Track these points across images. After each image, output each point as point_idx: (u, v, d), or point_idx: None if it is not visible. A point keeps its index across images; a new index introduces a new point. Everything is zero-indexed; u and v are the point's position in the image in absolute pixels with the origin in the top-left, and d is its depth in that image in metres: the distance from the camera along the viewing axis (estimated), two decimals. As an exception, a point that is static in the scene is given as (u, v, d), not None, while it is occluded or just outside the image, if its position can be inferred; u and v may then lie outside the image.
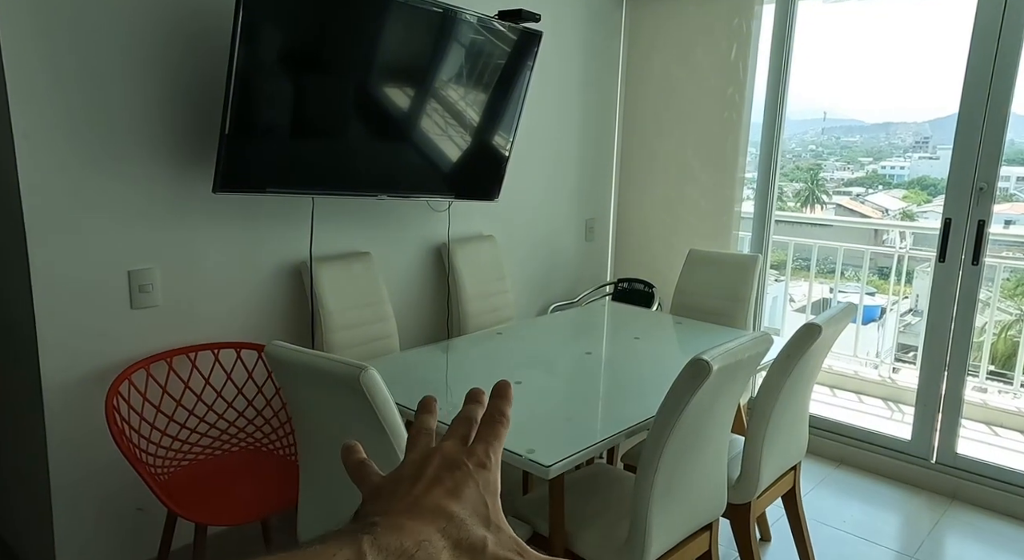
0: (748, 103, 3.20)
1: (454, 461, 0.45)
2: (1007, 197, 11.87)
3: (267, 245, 2.27)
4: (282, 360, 1.46)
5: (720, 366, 1.43)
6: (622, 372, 2.05)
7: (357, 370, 1.31)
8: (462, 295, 2.85)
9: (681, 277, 2.87)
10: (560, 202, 3.45)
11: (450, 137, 2.54)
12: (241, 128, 1.93)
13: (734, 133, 3.23)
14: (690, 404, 1.45)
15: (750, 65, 3.15)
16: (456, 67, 2.45)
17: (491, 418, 0.50)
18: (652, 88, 3.51)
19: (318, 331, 2.35)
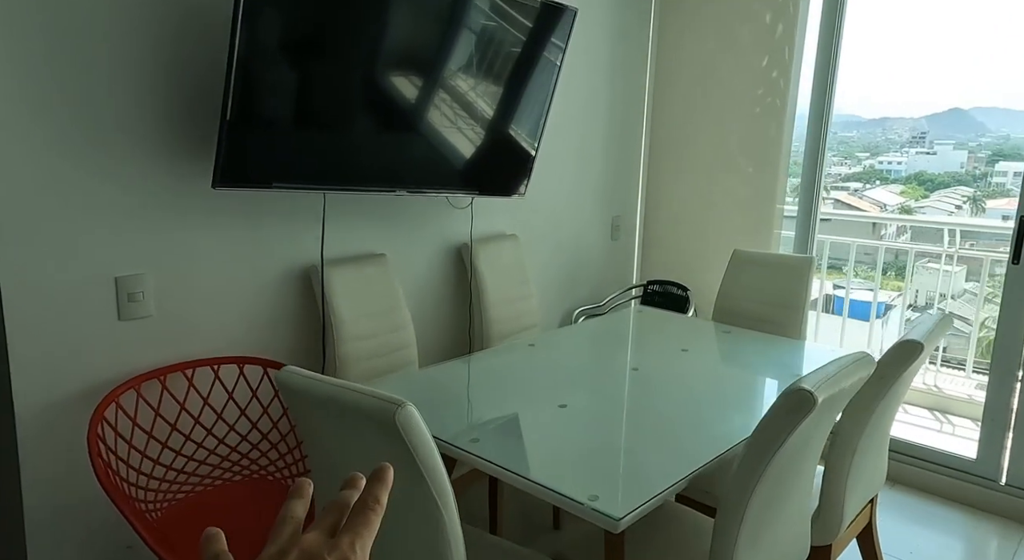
0: (794, 89, 2.95)
1: (312, 557, 0.42)
2: (1004, 192, 11.59)
3: (273, 247, 2.02)
4: (298, 390, 1.21)
5: (825, 397, 1.18)
6: (678, 392, 1.80)
7: (392, 407, 1.06)
8: (485, 300, 2.61)
9: (725, 280, 2.62)
10: (584, 198, 3.20)
11: (472, 127, 2.29)
12: (245, 115, 1.68)
13: (777, 122, 2.98)
14: (787, 442, 1.21)
15: (796, 48, 2.89)
16: (480, 51, 2.19)
17: (363, 505, 0.46)
18: (684, 74, 3.26)
19: (329, 342, 2.10)
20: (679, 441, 1.51)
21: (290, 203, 2.04)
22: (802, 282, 2.43)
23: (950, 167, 11.51)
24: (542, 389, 1.79)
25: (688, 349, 2.17)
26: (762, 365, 2.05)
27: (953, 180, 12.15)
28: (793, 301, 2.43)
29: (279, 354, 2.07)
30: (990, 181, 11.82)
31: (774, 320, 2.46)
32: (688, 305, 3.06)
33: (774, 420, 1.21)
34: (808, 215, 2.98)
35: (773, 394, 1.80)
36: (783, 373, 1.99)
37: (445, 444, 1.46)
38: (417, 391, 1.77)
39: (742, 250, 2.63)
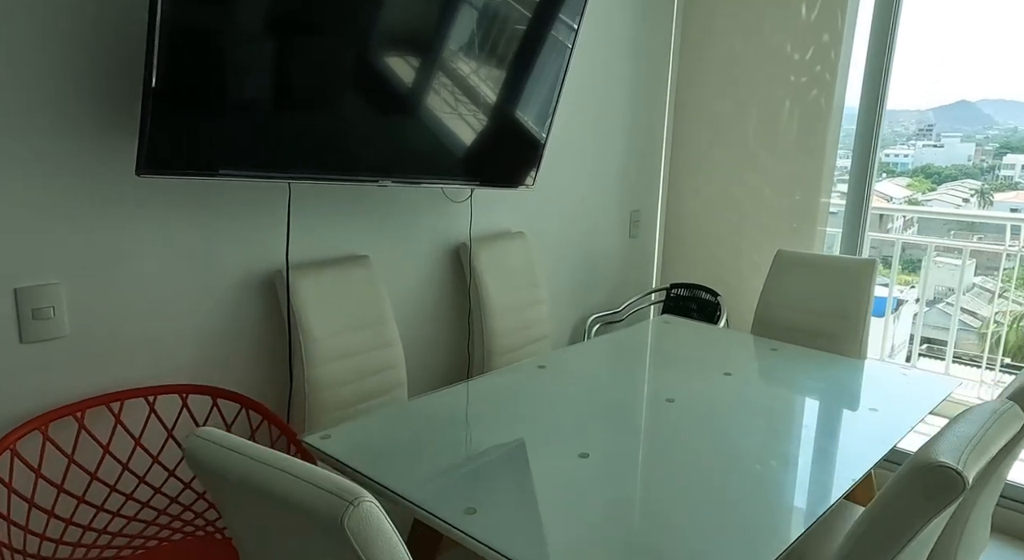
0: (844, 64, 2.56)
1: None
2: (1012, 185, 11.32)
3: (227, 248, 1.65)
4: (211, 468, 0.84)
5: (974, 474, 0.81)
6: (729, 435, 1.43)
7: (341, 506, 0.69)
8: (487, 309, 2.23)
9: (767, 286, 2.24)
10: (600, 190, 2.82)
11: (473, 112, 1.92)
12: (176, 82, 1.30)
13: (822, 102, 2.59)
14: (919, 534, 0.83)
15: (846, 21, 2.50)
16: (482, 27, 1.82)
17: None
18: (713, 54, 2.87)
19: (298, 364, 1.73)
20: (743, 512, 1.13)
21: (248, 194, 1.67)
22: (863, 288, 2.05)
23: (957, 160, 11.24)
24: (557, 430, 1.42)
25: (731, 372, 1.79)
26: (829, 395, 1.67)
27: (960, 173, 11.87)
28: (852, 311, 2.05)
29: (235, 380, 1.70)
30: (998, 174, 11.50)
31: (827, 333, 2.08)
32: (719, 313, 2.68)
33: (903, 505, 0.84)
34: (858, 209, 2.59)
35: (855, 441, 1.43)
36: (858, 405, 1.61)
37: (431, 517, 1.09)
38: (401, 433, 1.41)
39: (788, 251, 2.25)
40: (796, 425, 1.48)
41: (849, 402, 1.62)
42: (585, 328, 2.85)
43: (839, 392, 1.69)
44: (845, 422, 1.50)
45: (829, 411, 1.57)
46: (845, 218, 2.63)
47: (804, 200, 2.70)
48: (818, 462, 1.30)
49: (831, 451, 1.35)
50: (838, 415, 1.54)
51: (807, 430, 1.45)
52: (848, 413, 1.55)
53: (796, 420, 1.51)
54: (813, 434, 1.43)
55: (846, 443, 1.38)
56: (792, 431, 1.45)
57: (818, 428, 1.46)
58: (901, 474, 0.85)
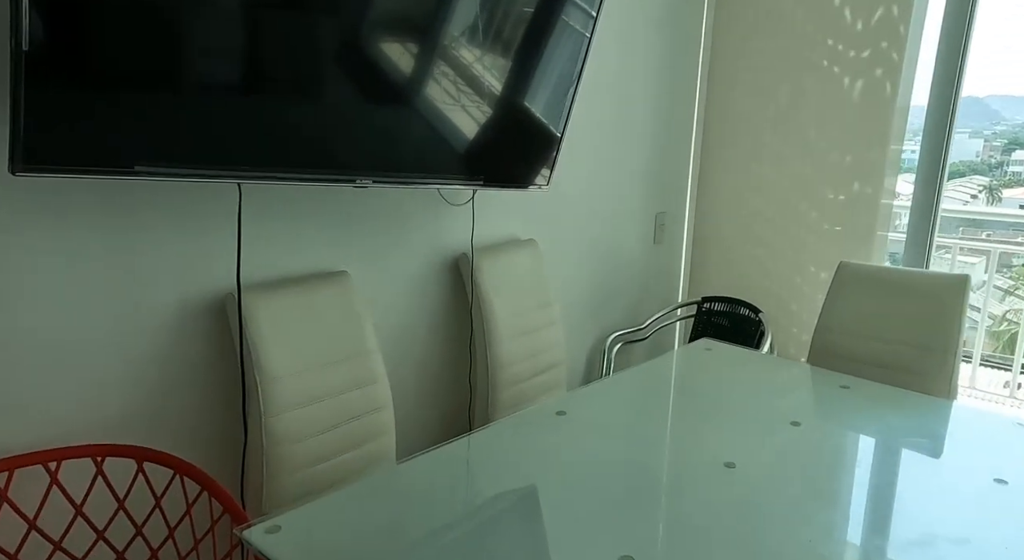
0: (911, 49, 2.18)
1: None
2: (1020, 181, 10.99)
3: (159, 267, 1.30)
4: None
5: None
6: (817, 518, 1.06)
7: None
8: (492, 333, 1.87)
9: (827, 306, 1.87)
10: (622, 190, 2.45)
11: (477, 104, 1.55)
12: (64, 41, 0.95)
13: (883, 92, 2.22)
14: None
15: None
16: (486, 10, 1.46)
17: None
18: (751, 39, 2.50)
19: (254, 411, 1.37)
20: None
21: (185, 197, 1.31)
22: (953, 312, 1.67)
23: (965, 156, 10.90)
24: (590, 515, 1.05)
25: (799, 421, 1.42)
26: (934, 452, 1.30)
27: (968, 169, 11.52)
28: (939, 341, 1.68)
29: (171, 434, 1.35)
30: (1006, 170, 11.16)
31: (904, 367, 1.71)
32: (762, 333, 2.31)
33: None
34: (928, 214, 2.22)
35: (989, 529, 1.06)
36: (970, 466, 1.24)
37: None
38: (380, 519, 1.04)
39: (854, 263, 1.87)
40: (902, 501, 1.11)
41: (966, 464, 1.25)
42: (604, 348, 2.49)
43: (949, 449, 1.32)
44: (971, 497, 1.12)
45: (943, 480, 1.20)
46: (910, 224, 2.26)
47: (862, 201, 2.32)
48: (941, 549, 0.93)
49: (962, 543, 0.98)
50: (956, 485, 1.17)
51: (920, 510, 1.08)
52: (969, 482, 1.18)
53: (900, 494, 1.14)
54: (932, 517, 1.06)
55: (977, 533, 1.01)
56: (898, 510, 1.08)
57: (934, 507, 1.09)
58: None
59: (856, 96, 2.28)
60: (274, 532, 0.99)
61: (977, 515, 1.08)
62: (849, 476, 1.21)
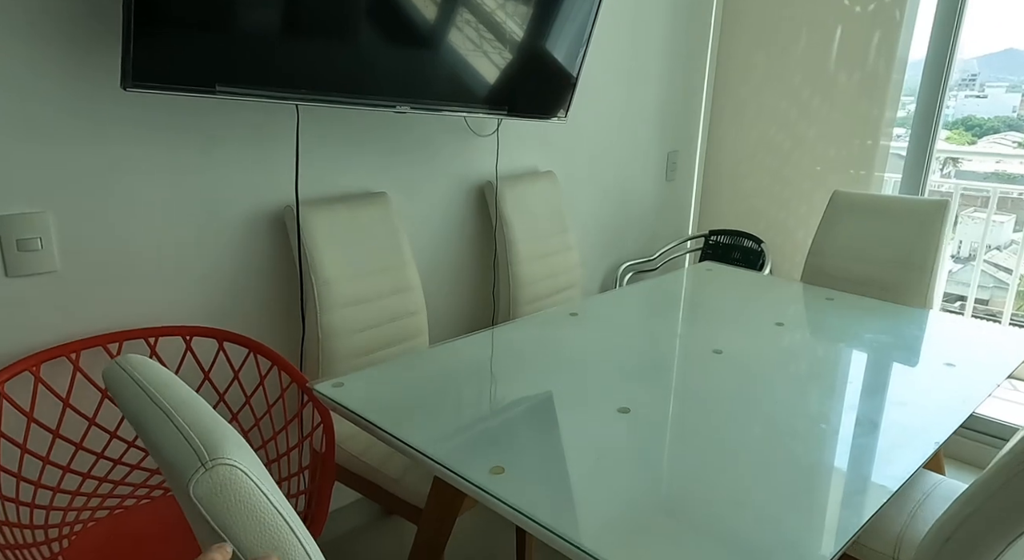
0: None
1: None
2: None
3: (232, 177, 1.51)
4: (120, 400, 0.73)
5: None
6: (786, 392, 1.27)
7: (191, 468, 0.57)
8: (514, 254, 2.08)
9: (820, 231, 2.05)
10: (635, 128, 2.61)
11: (503, 23, 1.72)
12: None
13: (886, 32, 2.34)
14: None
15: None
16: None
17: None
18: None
19: (311, 309, 1.61)
20: (809, 480, 0.98)
21: (253, 118, 1.52)
22: (932, 233, 1.85)
23: (1001, 111, 10.60)
24: (593, 383, 1.28)
25: (783, 322, 1.63)
26: (897, 348, 1.50)
27: (1003, 125, 11.23)
28: (918, 259, 1.86)
29: (243, 323, 1.58)
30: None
31: (887, 284, 1.90)
32: (763, 262, 2.50)
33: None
34: (922, 153, 2.36)
35: (933, 400, 1.27)
36: (931, 360, 1.44)
37: (454, 476, 0.96)
38: (421, 383, 1.27)
39: (846, 191, 2.04)
40: (861, 381, 1.32)
41: (921, 356, 1.45)
42: (616, 277, 2.69)
43: (908, 345, 1.52)
44: (919, 378, 1.33)
45: (899, 366, 1.40)
46: (906, 164, 2.40)
47: (861, 141, 2.46)
48: (893, 423, 1.14)
49: (906, 411, 1.19)
50: (909, 370, 1.38)
51: (874, 387, 1.29)
52: (922, 368, 1.38)
53: (861, 375, 1.35)
54: (883, 391, 1.27)
55: (922, 403, 1.22)
56: (857, 387, 1.28)
57: (888, 384, 1.30)
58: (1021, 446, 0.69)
59: (859, 42, 2.40)
60: (338, 387, 1.23)
61: (927, 392, 1.29)
62: (821, 362, 1.42)
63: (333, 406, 1.18)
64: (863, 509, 0.90)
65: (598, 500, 0.91)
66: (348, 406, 1.15)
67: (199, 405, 0.71)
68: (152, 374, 0.78)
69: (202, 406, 0.70)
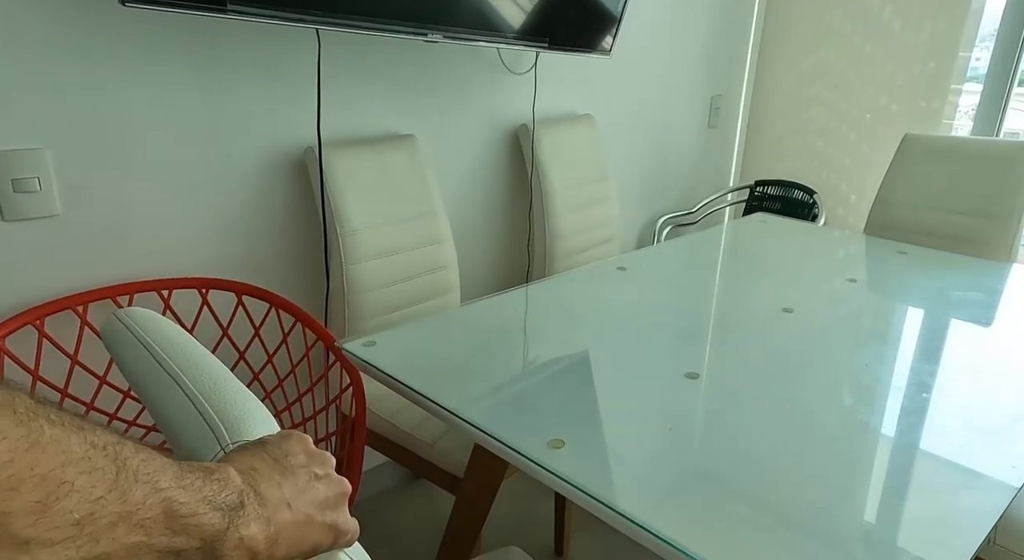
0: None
1: (343, 493, 0.48)
2: None
3: (248, 113, 1.37)
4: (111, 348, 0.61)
5: None
6: (872, 354, 1.13)
7: (212, 449, 0.46)
8: (551, 204, 1.92)
9: (889, 177, 1.87)
10: (678, 71, 2.41)
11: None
12: None
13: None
14: None
15: None
16: None
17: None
18: None
19: (335, 261, 1.48)
20: (920, 457, 0.85)
21: (270, 45, 1.36)
22: (1017, 178, 1.66)
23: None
24: (654, 345, 1.14)
25: (855, 278, 1.47)
26: (990, 309, 1.34)
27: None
28: (1000, 208, 1.68)
29: (263, 277, 1.46)
30: None
31: (964, 236, 1.73)
32: (815, 216, 2.32)
33: None
34: (1000, 99, 2.14)
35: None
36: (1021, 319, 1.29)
37: (507, 450, 0.83)
38: (460, 343, 1.15)
39: (919, 134, 1.85)
40: (955, 347, 1.17)
41: (1018, 316, 1.29)
42: (655, 231, 2.53)
43: (1003, 303, 1.36)
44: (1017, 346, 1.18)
45: (994, 329, 1.25)
46: (978, 110, 2.19)
47: (926, 87, 2.25)
48: (1006, 396, 0.99)
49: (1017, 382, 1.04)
50: (1006, 333, 1.22)
51: (971, 351, 1.14)
52: (1019, 332, 1.22)
53: (954, 340, 1.20)
54: (983, 359, 1.12)
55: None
56: (952, 355, 1.14)
57: (982, 350, 1.15)
58: None
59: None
60: (370, 346, 1.10)
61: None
62: (901, 320, 1.27)
63: (364, 367, 1.06)
64: (992, 508, 0.76)
65: (668, 478, 0.78)
66: (382, 368, 1.03)
67: (216, 370, 0.58)
68: (160, 331, 0.65)
69: (219, 372, 0.58)
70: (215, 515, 0.37)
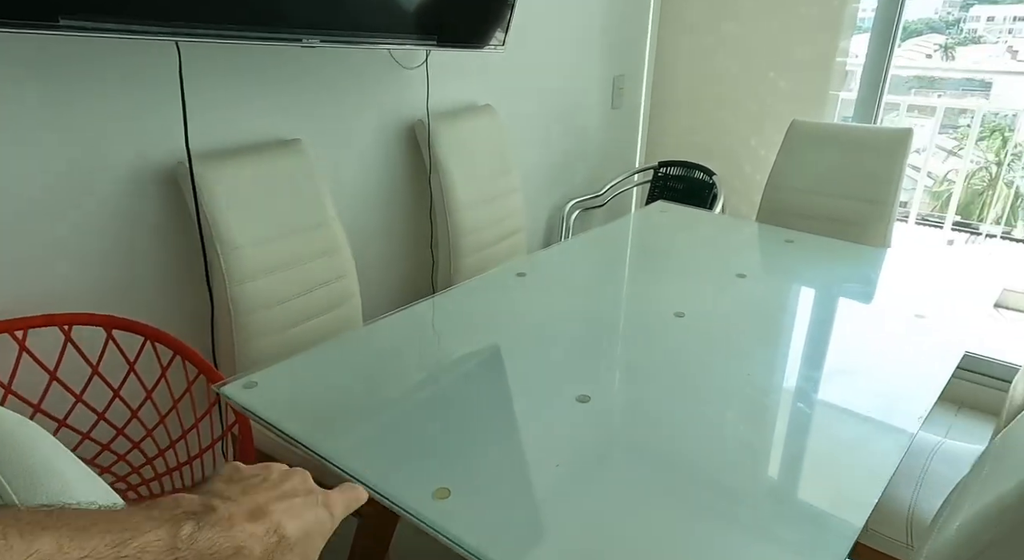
0: None
1: (310, 487, 0.47)
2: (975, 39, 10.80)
3: (106, 131, 1.24)
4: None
5: None
6: (760, 360, 1.16)
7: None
8: (452, 201, 1.88)
9: (778, 164, 1.92)
10: (579, 51, 2.38)
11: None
12: None
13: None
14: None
15: None
16: None
17: (353, 486, 0.52)
18: None
19: (218, 281, 1.39)
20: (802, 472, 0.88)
21: (126, 60, 1.23)
22: (895, 165, 1.74)
23: (924, 13, 10.61)
24: (550, 362, 1.13)
25: (745, 273, 1.51)
26: (864, 297, 1.41)
27: (926, 27, 11.28)
28: (880, 193, 1.76)
29: (140, 305, 1.36)
30: (962, 27, 10.98)
31: (848, 219, 1.80)
32: (715, 195, 2.37)
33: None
34: (879, 71, 2.23)
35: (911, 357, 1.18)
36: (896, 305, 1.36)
37: (391, 504, 0.81)
38: (351, 376, 1.10)
39: (805, 121, 1.90)
40: (836, 341, 1.22)
41: (891, 306, 1.36)
42: (563, 215, 2.53)
43: (878, 293, 1.43)
44: (894, 333, 1.24)
45: (870, 320, 1.31)
46: (862, 81, 2.27)
47: (815, 58, 2.31)
48: (881, 392, 1.05)
49: (887, 371, 1.10)
50: (881, 324, 1.29)
51: (849, 348, 1.19)
52: (893, 320, 1.29)
53: (835, 334, 1.25)
54: (858, 350, 1.17)
55: (901, 359, 1.13)
56: (834, 349, 1.19)
57: (860, 345, 1.20)
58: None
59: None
60: (251, 388, 1.04)
61: (898, 344, 1.20)
62: (789, 320, 1.31)
63: (242, 411, 1.00)
64: (872, 487, 0.80)
65: (555, 521, 0.78)
66: (259, 414, 0.97)
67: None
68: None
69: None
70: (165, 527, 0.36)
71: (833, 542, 0.74)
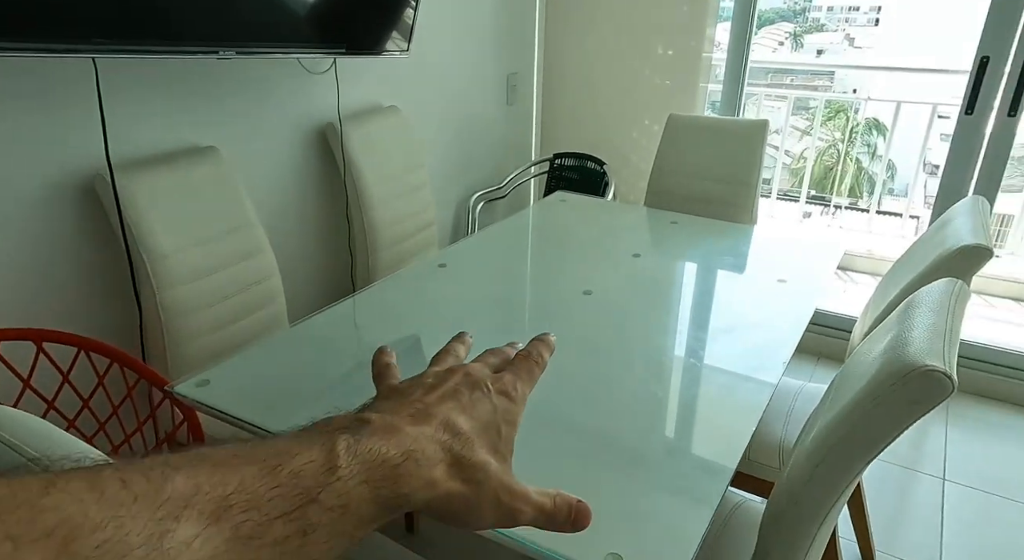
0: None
1: (477, 381, 0.43)
2: (819, 27, 11.90)
3: (22, 152, 1.24)
4: None
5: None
6: (657, 328, 1.36)
7: None
8: (366, 198, 1.96)
9: (660, 154, 2.15)
10: (475, 53, 2.52)
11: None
12: None
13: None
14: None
15: None
16: None
17: (527, 355, 0.49)
18: None
19: (146, 289, 1.42)
20: (702, 416, 1.07)
21: (43, 79, 1.24)
22: (755, 151, 2.01)
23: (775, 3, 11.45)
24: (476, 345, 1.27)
25: (639, 253, 1.71)
26: (736, 268, 1.64)
27: (777, 16, 12.18)
28: (744, 175, 2.02)
29: (70, 318, 1.37)
30: (807, 16, 11.95)
31: (723, 200, 2.05)
32: (607, 183, 2.59)
33: (886, 412, 0.79)
34: (739, 63, 2.52)
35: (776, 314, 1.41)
36: (762, 272, 1.60)
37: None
38: (293, 368, 1.19)
39: (680, 115, 2.14)
40: (717, 306, 1.44)
41: (758, 274, 1.61)
42: (469, 207, 2.66)
43: (748, 264, 1.67)
44: (761, 296, 1.48)
45: (743, 287, 1.55)
46: (726, 74, 2.55)
47: (686, 55, 2.57)
48: (753, 345, 1.27)
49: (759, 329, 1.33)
50: (751, 289, 1.52)
51: (727, 311, 1.41)
52: (761, 285, 1.53)
53: (716, 300, 1.47)
54: (738, 314, 1.39)
55: (768, 317, 1.37)
56: (716, 312, 1.40)
57: (737, 308, 1.43)
58: (879, 378, 0.80)
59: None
60: (203, 385, 1.11)
61: (765, 305, 1.44)
62: (679, 291, 1.52)
63: (203, 409, 1.07)
64: (749, 421, 1.00)
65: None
66: (218, 408, 1.05)
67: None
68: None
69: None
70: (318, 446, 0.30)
71: (720, 464, 0.94)
